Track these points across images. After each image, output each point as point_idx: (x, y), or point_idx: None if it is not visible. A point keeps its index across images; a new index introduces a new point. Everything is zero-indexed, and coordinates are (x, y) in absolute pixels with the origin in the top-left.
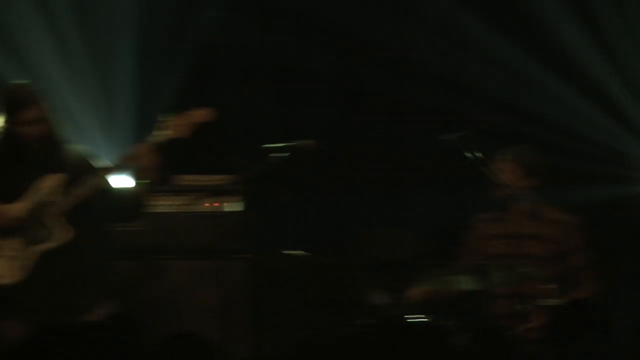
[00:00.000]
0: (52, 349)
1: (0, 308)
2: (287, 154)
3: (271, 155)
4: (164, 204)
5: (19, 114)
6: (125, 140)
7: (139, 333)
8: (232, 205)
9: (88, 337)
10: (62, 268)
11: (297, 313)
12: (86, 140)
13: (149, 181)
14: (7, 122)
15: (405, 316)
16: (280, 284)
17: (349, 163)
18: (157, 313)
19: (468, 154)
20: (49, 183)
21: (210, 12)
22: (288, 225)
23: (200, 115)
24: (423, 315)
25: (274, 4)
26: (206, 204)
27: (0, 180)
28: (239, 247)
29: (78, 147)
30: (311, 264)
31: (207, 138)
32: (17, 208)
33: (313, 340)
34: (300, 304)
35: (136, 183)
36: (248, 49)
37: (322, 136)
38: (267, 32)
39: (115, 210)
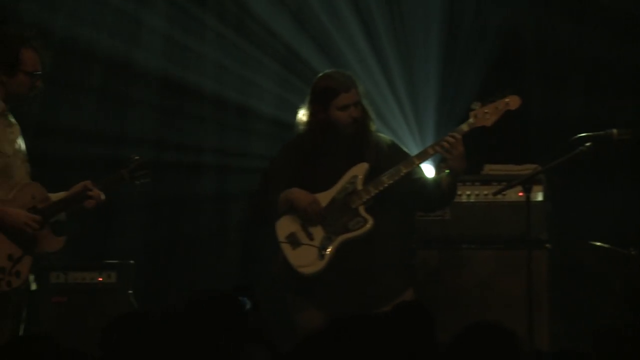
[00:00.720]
0: (349, 340)
1: (302, 298)
2: (591, 144)
3: (576, 145)
4: (469, 194)
5: (337, 99)
6: (429, 130)
7: (433, 323)
8: (537, 195)
9: (383, 327)
10: (364, 257)
11: (598, 305)
12: (392, 131)
13: (456, 170)
14: (321, 110)
15: None
16: (582, 276)
17: None
18: (459, 303)
19: None
20: (357, 171)
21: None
22: (592, 216)
23: (508, 103)
24: None
25: None
26: (518, 194)
27: (310, 169)
28: (542, 238)
29: (385, 136)
30: (614, 256)
31: (513, 127)
32: (323, 197)
33: (613, 332)
34: (601, 296)
35: (443, 172)
36: (553, 39)
37: (629, 126)
38: (572, 21)
39: (423, 199)
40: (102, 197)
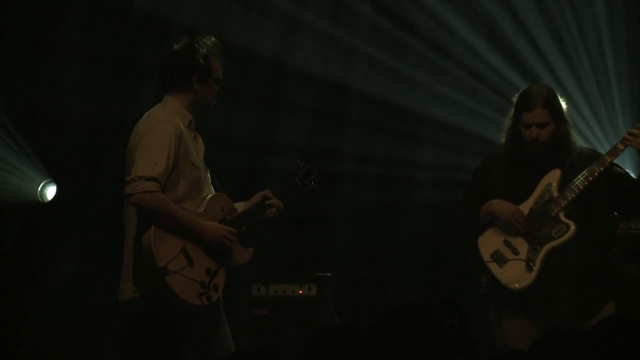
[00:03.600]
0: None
1: (508, 309)
2: None
3: None
4: None
5: (522, 116)
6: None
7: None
8: None
9: (589, 343)
10: (569, 266)
11: None
12: (587, 140)
13: None
14: (515, 122)
15: None
16: None
17: None
18: None
19: None
20: (550, 179)
21: None
22: None
23: None
24: None
25: None
26: None
27: (507, 179)
28: None
29: (585, 147)
30: None
31: None
32: (523, 207)
33: None
34: None
35: None
36: None
37: None
38: None
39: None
40: (282, 206)
